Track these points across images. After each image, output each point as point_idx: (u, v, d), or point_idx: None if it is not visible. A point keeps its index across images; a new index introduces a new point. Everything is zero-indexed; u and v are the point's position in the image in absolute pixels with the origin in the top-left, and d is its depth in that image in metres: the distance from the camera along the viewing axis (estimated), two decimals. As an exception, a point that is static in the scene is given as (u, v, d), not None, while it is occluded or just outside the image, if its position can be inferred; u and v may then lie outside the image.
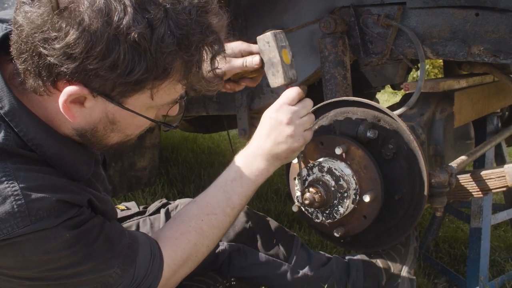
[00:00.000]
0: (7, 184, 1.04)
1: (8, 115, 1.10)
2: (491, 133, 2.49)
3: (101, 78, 1.03)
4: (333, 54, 1.89)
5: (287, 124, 1.43)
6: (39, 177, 1.09)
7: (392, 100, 8.62)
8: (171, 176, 3.90)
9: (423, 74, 1.78)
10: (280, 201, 3.33)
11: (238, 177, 1.46)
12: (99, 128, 1.17)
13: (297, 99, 1.47)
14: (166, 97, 1.15)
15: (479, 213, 2.29)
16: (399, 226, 1.65)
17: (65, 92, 1.05)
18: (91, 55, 0.99)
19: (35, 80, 1.07)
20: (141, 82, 1.05)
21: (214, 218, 1.42)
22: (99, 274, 1.19)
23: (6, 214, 1.03)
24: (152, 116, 1.22)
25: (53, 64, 1.02)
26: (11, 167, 1.06)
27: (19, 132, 1.11)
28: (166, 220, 1.77)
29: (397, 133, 1.58)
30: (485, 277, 2.21)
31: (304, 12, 2.06)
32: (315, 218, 1.61)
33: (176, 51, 1.04)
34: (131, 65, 1.01)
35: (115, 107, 1.12)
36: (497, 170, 1.67)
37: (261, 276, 1.80)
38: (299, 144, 1.45)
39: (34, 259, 1.08)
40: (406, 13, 1.83)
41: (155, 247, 1.34)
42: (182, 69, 1.09)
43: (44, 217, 1.06)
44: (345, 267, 1.87)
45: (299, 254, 1.84)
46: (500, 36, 1.66)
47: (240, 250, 1.79)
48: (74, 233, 1.12)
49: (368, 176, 1.56)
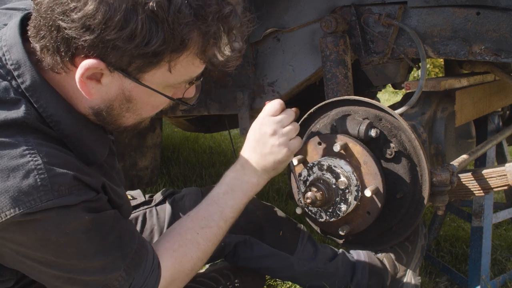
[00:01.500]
0: (30, 158, 1.04)
1: (29, 90, 1.10)
2: (492, 132, 2.49)
3: (118, 50, 1.02)
4: (334, 53, 1.89)
5: (271, 135, 1.45)
6: (59, 155, 1.09)
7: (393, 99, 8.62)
8: (173, 176, 3.90)
9: (424, 73, 1.78)
10: (281, 200, 3.33)
11: (229, 190, 1.47)
12: (115, 106, 1.17)
13: (279, 110, 1.48)
14: (183, 72, 1.14)
15: (481, 212, 2.29)
16: (401, 224, 1.66)
17: (82, 66, 1.05)
18: (109, 26, 0.99)
19: (53, 57, 1.08)
20: (159, 54, 1.05)
21: (209, 231, 1.42)
22: (106, 275, 1.19)
23: (29, 188, 1.02)
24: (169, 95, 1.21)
25: (71, 37, 1.02)
26: (33, 142, 1.06)
27: (39, 108, 1.11)
28: (172, 212, 1.77)
29: (399, 132, 1.59)
30: (486, 276, 2.21)
31: (305, 11, 2.06)
32: (319, 218, 1.61)
33: (194, 22, 1.04)
34: (149, 36, 1.01)
35: (132, 83, 1.11)
36: (498, 169, 1.67)
37: (266, 267, 1.80)
38: (285, 154, 1.46)
39: (52, 239, 1.08)
40: (407, 12, 1.83)
41: (155, 257, 1.33)
42: (199, 41, 1.07)
43: (66, 193, 1.06)
44: (350, 264, 1.87)
45: (305, 247, 1.83)
46: (501, 35, 1.67)
47: (246, 241, 1.79)
48: (91, 216, 1.12)
49: (369, 171, 1.56)
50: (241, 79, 2.28)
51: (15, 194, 1.02)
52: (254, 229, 1.80)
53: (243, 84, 2.29)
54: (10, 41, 1.13)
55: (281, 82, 2.22)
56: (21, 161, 1.03)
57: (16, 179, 1.02)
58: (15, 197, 1.02)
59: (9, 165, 1.03)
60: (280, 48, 2.18)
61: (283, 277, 1.84)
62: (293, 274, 1.80)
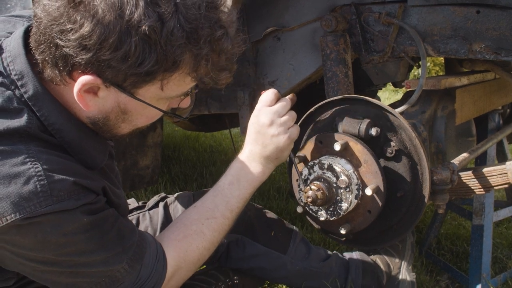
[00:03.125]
0: (30, 165, 1.09)
1: (32, 100, 1.16)
2: (493, 130, 2.49)
3: (113, 68, 1.08)
4: (334, 52, 1.89)
5: (269, 126, 1.49)
6: (59, 161, 1.14)
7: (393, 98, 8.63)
8: (174, 175, 3.91)
9: (424, 71, 1.78)
10: (282, 199, 3.34)
11: (235, 181, 1.51)
12: (111, 118, 1.23)
13: (274, 99, 1.52)
14: (176, 89, 1.19)
15: (481, 210, 2.29)
16: (402, 223, 1.66)
17: (80, 82, 1.11)
18: (104, 46, 1.05)
19: (52, 70, 1.14)
20: (152, 73, 1.10)
21: (214, 221, 1.45)
22: (108, 267, 1.23)
23: (29, 194, 1.07)
24: (164, 107, 1.25)
25: (69, 54, 1.08)
26: (34, 150, 1.11)
27: (41, 116, 1.16)
28: (164, 214, 1.80)
29: (399, 130, 1.59)
30: (487, 274, 2.22)
31: (305, 10, 2.06)
32: (320, 217, 1.62)
33: (185, 44, 1.08)
34: (142, 57, 1.06)
35: (127, 97, 1.17)
36: (499, 167, 1.68)
37: (259, 267, 1.81)
38: (285, 142, 1.50)
39: (52, 241, 1.12)
40: (407, 11, 1.83)
41: (160, 248, 1.37)
42: (191, 62, 1.13)
43: (65, 198, 1.11)
44: (344, 264, 1.88)
45: (298, 247, 1.84)
46: (501, 33, 1.67)
47: (238, 241, 1.80)
48: (90, 218, 1.16)
49: (369, 170, 1.56)
50: (241, 78, 2.29)
51: (16, 199, 1.06)
52: (246, 229, 1.81)
53: (243, 83, 2.29)
54: (14, 52, 1.19)
55: (281, 81, 2.22)
56: (22, 168, 1.08)
57: (17, 185, 1.07)
58: (16, 202, 1.06)
59: (11, 172, 1.07)
60: (281, 47, 2.18)
61: (276, 278, 1.84)
62: (286, 274, 1.81)
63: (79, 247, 1.17)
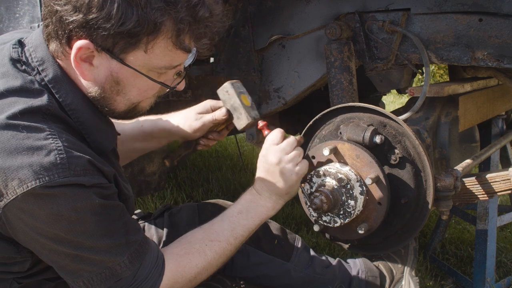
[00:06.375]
0: (52, 141, 1.19)
1: (51, 82, 1.29)
2: (496, 136, 2.50)
3: (101, 30, 1.19)
4: (339, 60, 1.91)
5: (276, 164, 1.54)
6: (76, 142, 1.25)
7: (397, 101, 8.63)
8: (180, 180, 3.93)
9: (427, 79, 1.80)
10: (287, 204, 3.34)
11: (244, 211, 1.56)
12: (106, 89, 1.32)
13: (281, 138, 1.57)
14: (162, 58, 1.28)
15: (485, 215, 2.31)
16: (406, 229, 1.68)
17: (75, 46, 1.22)
18: (91, 6, 1.17)
19: (55, 42, 1.26)
20: (135, 35, 1.20)
21: (218, 244, 1.49)
22: (110, 257, 1.29)
23: (50, 164, 1.17)
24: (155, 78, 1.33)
25: (65, 19, 1.20)
26: (55, 128, 1.23)
27: (59, 97, 1.29)
28: (169, 223, 1.82)
29: (403, 138, 1.61)
30: (491, 278, 2.23)
31: (310, 18, 2.08)
32: (334, 224, 1.63)
33: (164, 8, 1.19)
34: (124, 17, 1.17)
35: (118, 64, 1.26)
36: (503, 173, 1.69)
37: (264, 275, 1.83)
38: (293, 179, 1.55)
39: (65, 215, 1.20)
40: (410, 19, 1.85)
41: (161, 257, 1.41)
42: (171, 26, 1.22)
43: (80, 174, 1.20)
44: (347, 271, 1.90)
45: (301, 254, 1.86)
46: (503, 41, 1.69)
47: (243, 250, 1.82)
48: (101, 201, 1.24)
49: (364, 163, 1.58)
50: (247, 85, 2.31)
51: (37, 168, 1.16)
52: (250, 239, 1.83)
53: (248, 90, 2.31)
54: (35, 42, 1.32)
55: (286, 88, 2.25)
56: (45, 143, 1.19)
57: (39, 156, 1.17)
58: (37, 171, 1.16)
59: (34, 145, 1.18)
60: (286, 55, 2.21)
61: (281, 285, 1.86)
62: (290, 281, 1.83)
63: (87, 227, 1.24)
